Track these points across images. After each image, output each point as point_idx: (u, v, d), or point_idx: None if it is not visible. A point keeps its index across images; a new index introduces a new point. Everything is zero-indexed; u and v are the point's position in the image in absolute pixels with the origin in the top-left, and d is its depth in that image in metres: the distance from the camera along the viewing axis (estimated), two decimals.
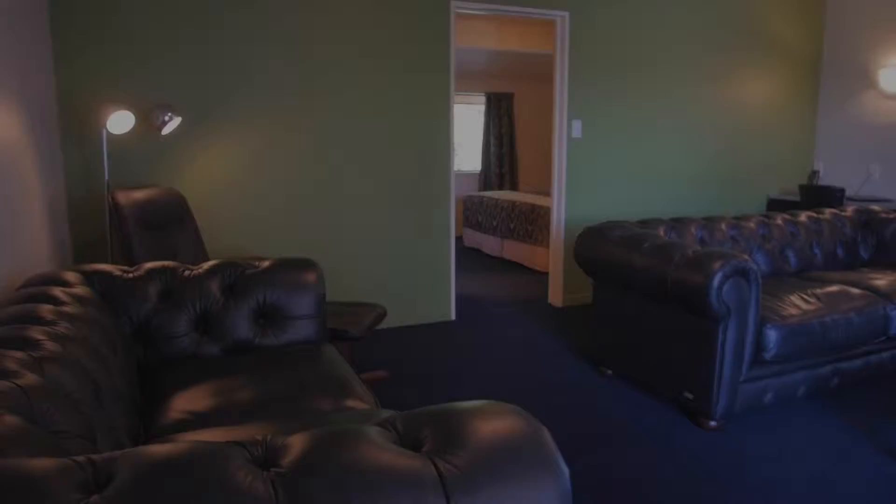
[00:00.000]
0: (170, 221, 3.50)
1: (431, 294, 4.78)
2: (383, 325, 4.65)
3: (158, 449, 0.98)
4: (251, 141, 4.10)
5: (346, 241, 4.44)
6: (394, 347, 4.23)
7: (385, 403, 3.32)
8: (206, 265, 2.62)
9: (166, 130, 3.72)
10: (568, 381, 3.64)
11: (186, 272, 2.57)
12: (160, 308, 2.47)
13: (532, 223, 6.60)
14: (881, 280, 3.59)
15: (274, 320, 2.60)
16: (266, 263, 2.68)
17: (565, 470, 1.03)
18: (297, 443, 1.02)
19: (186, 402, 2.03)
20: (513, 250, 7.06)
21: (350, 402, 2.08)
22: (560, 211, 5.16)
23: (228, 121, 4.02)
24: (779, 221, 4.13)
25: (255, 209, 4.16)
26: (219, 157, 4.03)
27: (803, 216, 4.25)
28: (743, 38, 5.66)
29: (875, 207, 4.43)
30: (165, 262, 2.60)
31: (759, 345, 2.98)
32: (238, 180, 4.10)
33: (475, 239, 7.89)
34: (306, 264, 2.70)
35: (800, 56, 5.97)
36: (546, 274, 6.38)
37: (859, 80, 5.80)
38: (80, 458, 0.95)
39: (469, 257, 7.49)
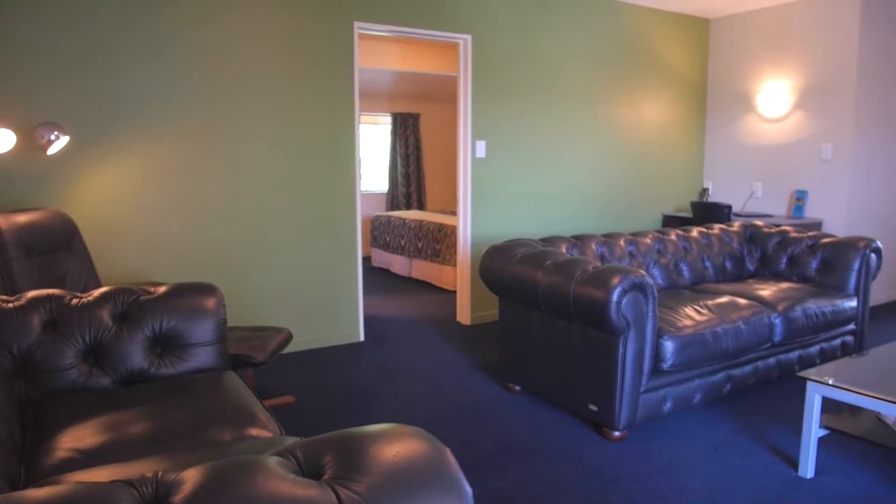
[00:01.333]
0: (56, 246, 3.30)
1: (339, 315, 4.72)
2: (289, 348, 4.54)
3: (36, 493, 0.91)
4: (147, 161, 3.93)
5: (248, 263, 4.32)
6: (301, 371, 4.13)
7: (291, 430, 3.22)
8: (97, 292, 2.48)
9: (52, 150, 3.51)
10: (476, 399, 3.66)
11: (74, 300, 2.42)
12: (45, 339, 2.31)
13: (439, 242, 6.65)
14: (766, 290, 3.82)
15: (171, 348, 2.48)
16: (162, 289, 2.56)
17: (468, 490, 1.03)
18: (190, 478, 0.97)
19: (73, 439, 1.90)
20: (421, 270, 7.08)
21: (252, 431, 2.01)
22: (466, 230, 5.22)
23: (121, 140, 3.84)
24: (672, 237, 4.34)
25: (151, 232, 3.98)
26: (112, 178, 3.84)
27: (695, 232, 4.48)
28: (638, 64, 5.95)
29: (758, 222, 4.74)
30: (51, 290, 2.44)
31: (658, 355, 3.11)
32: (133, 202, 3.92)
33: (383, 259, 7.86)
34: (205, 289, 2.60)
35: (688, 81, 6.34)
36: (454, 292, 6.42)
37: (740, 105, 6.21)
38: None
39: (377, 277, 7.45)
